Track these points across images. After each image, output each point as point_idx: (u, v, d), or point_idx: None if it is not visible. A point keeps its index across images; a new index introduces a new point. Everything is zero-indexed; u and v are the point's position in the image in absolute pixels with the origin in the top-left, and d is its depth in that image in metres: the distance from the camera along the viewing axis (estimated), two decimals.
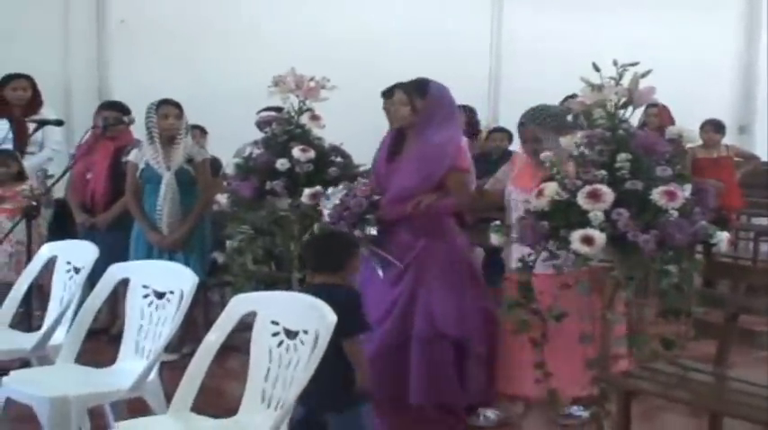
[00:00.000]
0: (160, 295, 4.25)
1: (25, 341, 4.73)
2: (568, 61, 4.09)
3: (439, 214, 4.92)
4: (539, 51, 10.83)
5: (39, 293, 5.57)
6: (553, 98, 5.75)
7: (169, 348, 5.07)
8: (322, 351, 3.32)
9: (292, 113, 5.45)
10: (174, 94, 6.31)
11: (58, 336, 4.64)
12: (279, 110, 6.19)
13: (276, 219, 5.41)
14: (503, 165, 8.13)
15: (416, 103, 4.86)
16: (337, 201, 4.83)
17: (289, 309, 3.62)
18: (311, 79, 5.34)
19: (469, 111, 8.49)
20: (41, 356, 4.68)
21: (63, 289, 4.86)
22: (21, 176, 6.57)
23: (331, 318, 3.37)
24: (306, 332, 3.47)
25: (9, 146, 6.93)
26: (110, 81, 9.26)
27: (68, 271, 4.87)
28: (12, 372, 4.20)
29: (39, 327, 4.88)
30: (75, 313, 4.57)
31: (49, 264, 5.03)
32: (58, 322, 4.68)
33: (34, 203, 5.52)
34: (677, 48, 11.23)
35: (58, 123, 6.62)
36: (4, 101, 7.18)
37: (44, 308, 5.13)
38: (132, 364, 4.17)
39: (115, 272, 4.49)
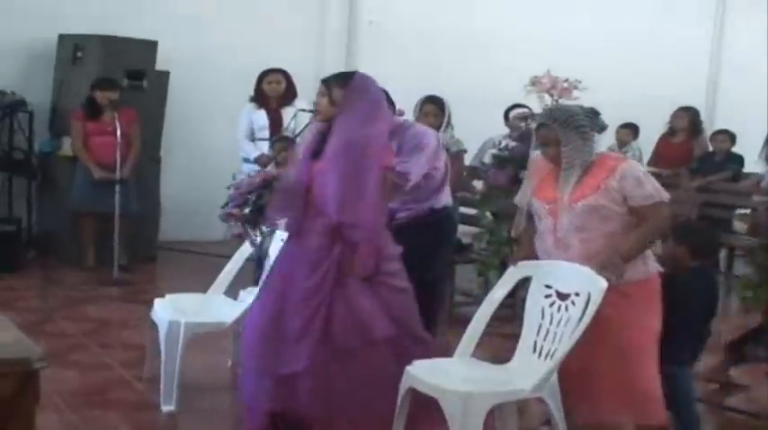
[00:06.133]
0: (563, 296, 4.08)
1: None
2: None
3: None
4: (756, 58, 10.97)
5: None
6: None
7: None
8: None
9: None
10: (418, 93, 6.57)
11: None
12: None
13: None
14: (726, 166, 8.60)
15: (334, 93, 4.33)
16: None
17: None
18: (565, 80, 5.95)
19: (693, 112, 8.98)
20: None
21: None
22: None
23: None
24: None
25: (266, 133, 7.78)
26: None
27: None
28: (415, 362, 4.14)
29: None
30: None
31: None
32: None
33: None
34: None
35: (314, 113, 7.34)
36: (263, 93, 7.99)
37: None
38: (529, 364, 4.10)
39: (516, 270, 4.37)
